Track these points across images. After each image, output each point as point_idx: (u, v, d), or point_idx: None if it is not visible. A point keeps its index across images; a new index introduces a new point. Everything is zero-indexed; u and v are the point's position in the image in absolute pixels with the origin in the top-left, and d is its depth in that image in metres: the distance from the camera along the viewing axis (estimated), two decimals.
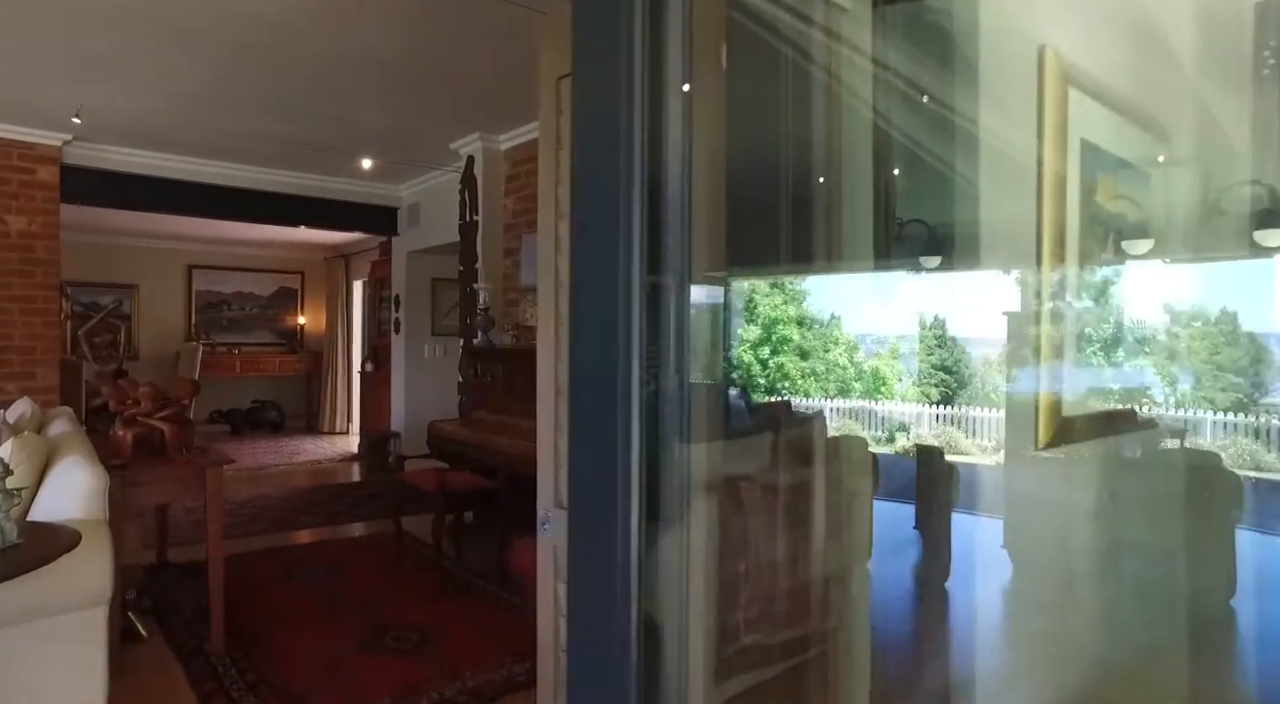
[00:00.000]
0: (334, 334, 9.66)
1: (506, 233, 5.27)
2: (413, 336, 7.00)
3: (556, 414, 1.54)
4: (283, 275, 10.18)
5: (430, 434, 4.66)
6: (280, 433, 9.49)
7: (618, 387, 0.81)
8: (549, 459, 1.57)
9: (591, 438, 0.86)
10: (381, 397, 7.53)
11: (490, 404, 4.62)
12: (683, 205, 0.88)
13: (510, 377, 4.48)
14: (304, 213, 6.50)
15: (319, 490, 6.12)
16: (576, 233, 0.86)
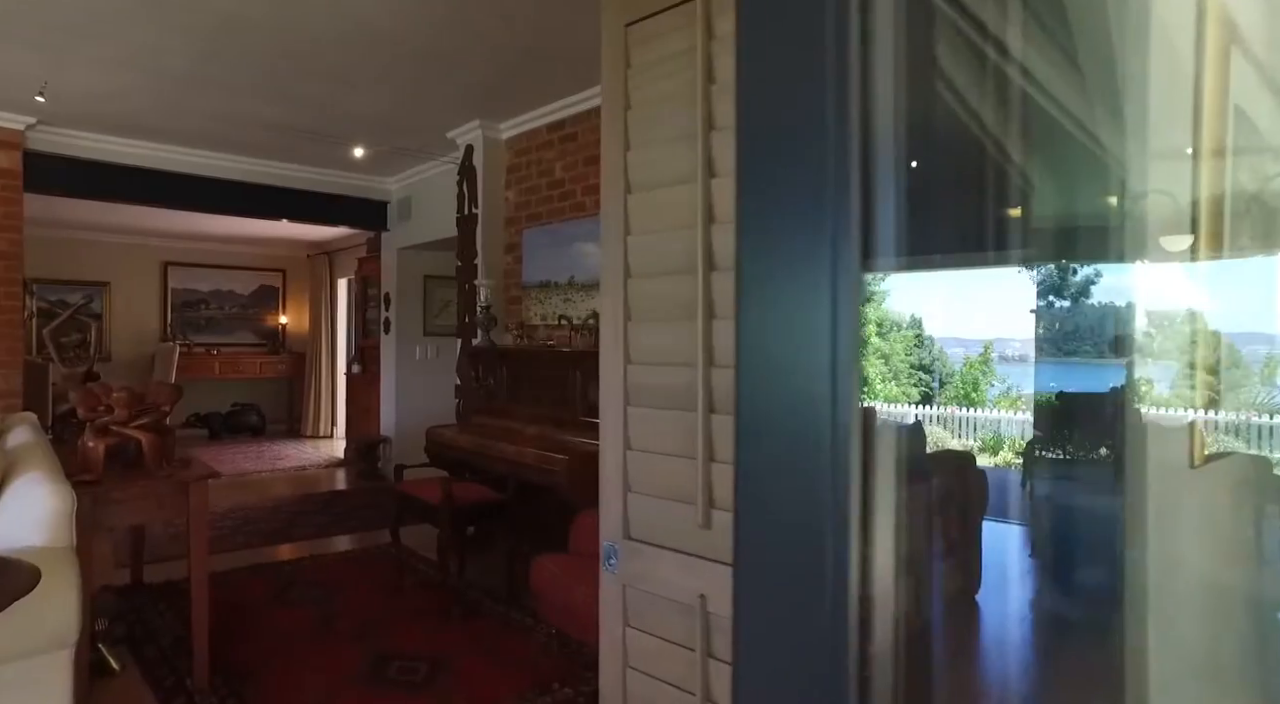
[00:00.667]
0: (318, 334, 9.28)
1: (508, 227, 4.98)
2: (404, 337, 6.68)
3: (625, 428, 1.28)
4: (263, 273, 9.78)
5: (429, 441, 4.36)
6: (261, 437, 9.10)
7: (829, 408, 0.58)
8: (616, 482, 1.30)
9: (778, 473, 0.62)
10: (370, 400, 7.19)
11: (493, 408, 4.33)
12: (898, 171, 0.65)
13: (515, 379, 4.19)
14: (287, 206, 6.16)
15: (306, 499, 5.78)
16: (750, 206, 0.62)
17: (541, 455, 3.44)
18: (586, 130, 4.34)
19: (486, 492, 3.60)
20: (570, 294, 4.37)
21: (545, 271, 4.58)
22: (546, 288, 4.56)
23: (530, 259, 4.71)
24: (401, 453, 6.60)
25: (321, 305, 9.30)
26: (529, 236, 4.74)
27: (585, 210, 4.33)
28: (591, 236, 4.23)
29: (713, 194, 1.16)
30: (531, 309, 4.68)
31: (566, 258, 4.41)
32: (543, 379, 3.97)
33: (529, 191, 4.79)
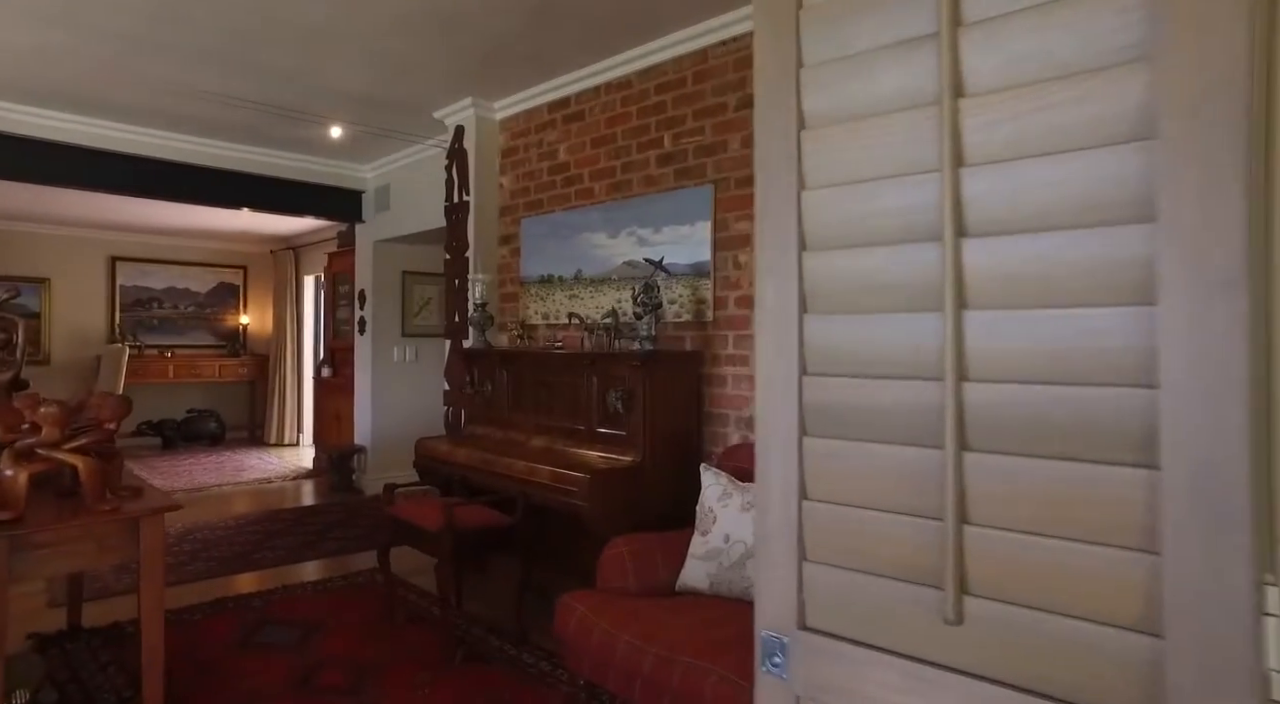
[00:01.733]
0: (282, 335, 8.66)
1: (503, 217, 4.52)
2: (381, 337, 6.16)
3: (801, 468, 0.87)
4: (222, 270, 9.11)
5: (419, 454, 3.88)
6: (221, 446, 8.44)
7: None
8: (784, 545, 0.89)
9: None
10: (342, 406, 6.64)
11: (491, 417, 3.87)
12: None
13: (517, 384, 3.74)
14: (250, 193, 5.59)
15: (273, 517, 5.23)
16: None
17: (559, 474, 3.00)
18: (596, 108, 3.91)
19: (493, 514, 3.14)
20: (577, 290, 3.94)
21: (547, 265, 4.13)
22: (549, 283, 4.11)
23: (529, 252, 4.26)
24: (379, 463, 6.07)
25: (286, 304, 8.67)
26: (528, 227, 4.29)
27: (594, 197, 3.90)
28: (603, 226, 3.81)
29: (962, 121, 0.76)
30: (531, 307, 4.23)
31: (572, 250, 3.97)
32: (551, 385, 3.53)
33: (527, 177, 4.34)
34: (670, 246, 3.46)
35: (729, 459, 2.95)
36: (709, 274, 3.31)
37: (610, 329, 3.35)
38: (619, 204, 3.74)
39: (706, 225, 3.32)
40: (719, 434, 3.28)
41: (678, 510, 3.17)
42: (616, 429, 3.18)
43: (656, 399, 3.09)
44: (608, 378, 3.22)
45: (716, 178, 3.31)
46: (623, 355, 3.14)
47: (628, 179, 3.73)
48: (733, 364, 3.23)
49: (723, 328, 3.27)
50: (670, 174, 3.52)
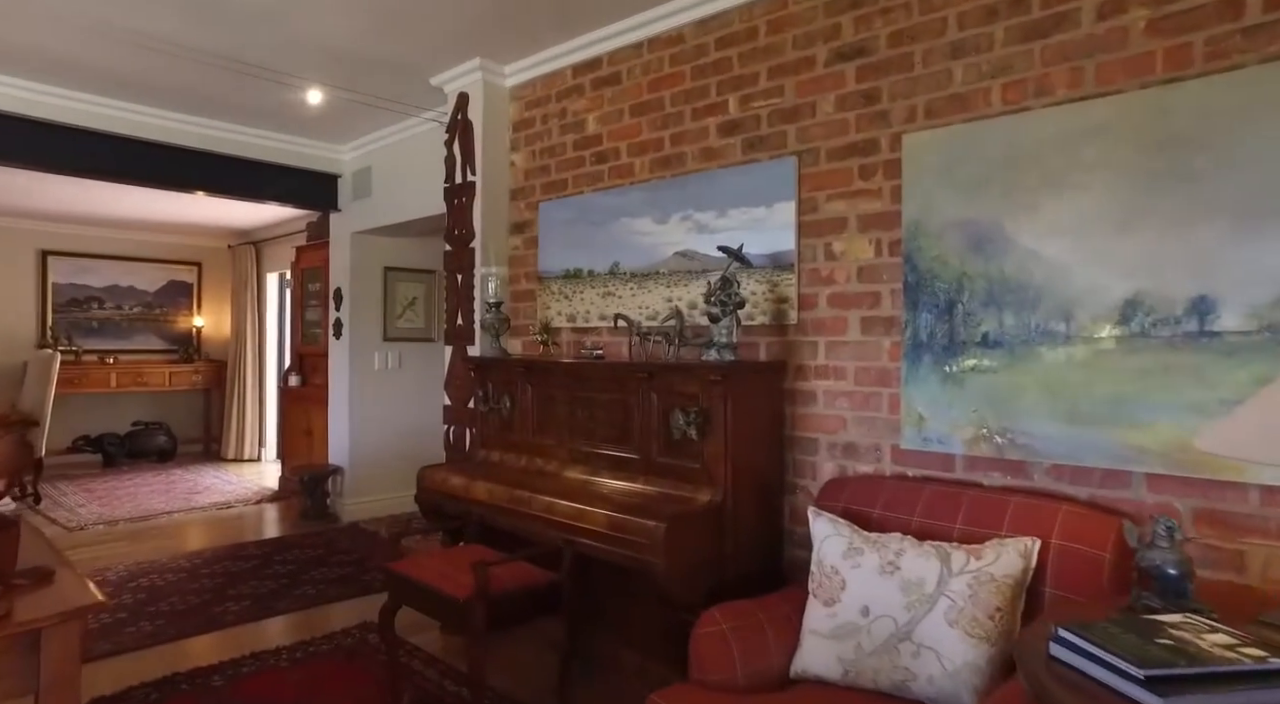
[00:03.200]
0: (242, 339, 7.79)
1: (515, 201, 3.84)
2: (359, 342, 5.40)
3: None
4: (174, 266, 8.20)
5: (423, 488, 3.17)
6: (171, 463, 7.53)
7: None
8: None
9: None
10: (314, 419, 5.86)
11: (510, 440, 3.19)
12: None
13: (545, 401, 3.07)
14: (206, 175, 4.80)
15: (236, 554, 4.44)
16: None
17: (621, 520, 2.34)
18: (636, 68, 3.26)
19: (531, 571, 2.46)
20: (614, 287, 3.28)
21: (573, 257, 3.47)
22: (576, 279, 3.45)
23: (550, 241, 3.59)
24: (359, 486, 5.32)
25: (246, 305, 7.81)
26: (547, 212, 3.62)
27: (634, 175, 3.26)
28: (647, 210, 3.16)
29: None
30: (553, 307, 3.56)
31: (607, 239, 3.32)
32: (591, 403, 2.87)
33: (546, 154, 3.67)
34: (739, 233, 2.83)
35: (831, 497, 2.34)
36: (791, 266, 2.69)
37: (673, 334, 2.70)
38: (668, 183, 3.11)
39: (788, 207, 2.71)
40: (805, 464, 2.67)
41: (765, 564, 2.55)
42: (685, 459, 2.53)
43: (740, 422, 2.45)
44: (672, 395, 2.57)
45: (801, 148, 2.70)
46: (694, 367, 2.50)
47: (679, 153, 3.09)
48: (824, 377, 2.62)
49: (810, 332, 2.66)
50: (737, 145, 2.90)
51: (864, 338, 2.53)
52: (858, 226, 2.55)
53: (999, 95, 2.22)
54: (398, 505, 5.49)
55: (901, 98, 2.44)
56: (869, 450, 2.51)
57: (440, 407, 5.78)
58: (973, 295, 2.23)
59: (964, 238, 2.25)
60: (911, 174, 2.38)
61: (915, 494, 2.19)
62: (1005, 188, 2.17)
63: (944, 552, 1.89)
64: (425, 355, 5.71)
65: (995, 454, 2.19)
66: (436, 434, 5.71)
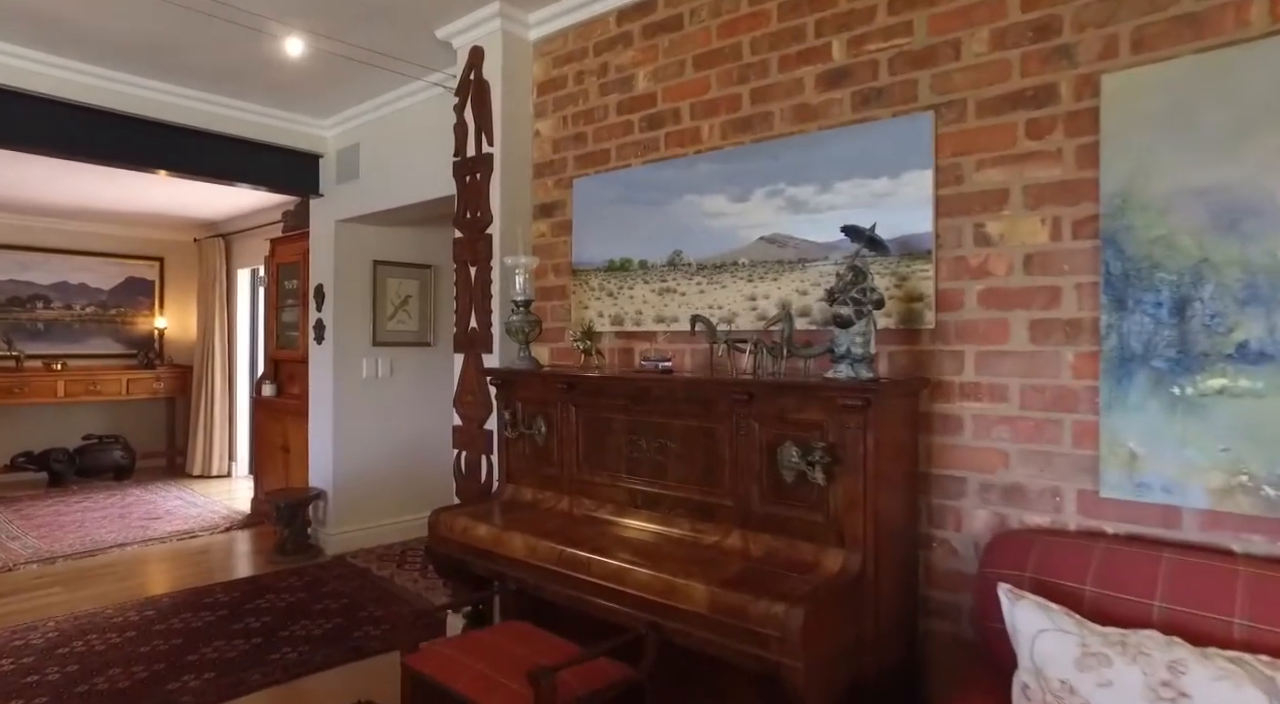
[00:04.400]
0: (209, 343, 7.02)
1: (540, 177, 3.18)
2: (345, 347, 4.69)
3: None
4: (132, 262, 7.39)
5: (436, 537, 2.49)
6: (129, 481, 6.74)
7: None
8: None
9: None
10: (291, 434, 5.14)
11: (548, 476, 2.53)
12: None
13: (597, 427, 2.42)
14: (168, 151, 4.07)
15: (198, 601, 3.72)
16: None
17: (731, 601, 1.69)
18: (702, 10, 2.62)
19: (603, 669, 1.81)
20: (675, 281, 2.64)
21: (618, 245, 2.83)
22: (622, 272, 2.81)
23: (587, 226, 2.94)
24: (345, 513, 4.62)
25: (214, 305, 7.04)
26: (584, 191, 2.96)
27: (702, 142, 2.62)
28: (720, 184, 2.53)
29: None
30: (592, 306, 2.90)
31: (664, 222, 2.68)
32: (661, 431, 2.23)
33: (582, 119, 3.02)
34: (850, 213, 2.21)
35: (1006, 561, 1.74)
36: (927, 254, 2.07)
37: (780, 342, 2.06)
38: (749, 151, 2.47)
39: (921, 178, 2.09)
40: (945, 510, 2.05)
41: (905, 648, 1.93)
42: (802, 508, 1.91)
43: (881, 460, 1.83)
44: (784, 423, 1.94)
45: (938, 101, 2.08)
46: (820, 387, 1.86)
47: (764, 113, 2.46)
48: (973, 397, 2.00)
49: (953, 340, 2.04)
50: (845, 101, 2.27)
51: (1034, 347, 1.91)
52: (1024, 201, 1.94)
53: (1264, 8, 1.62)
54: (389, 534, 4.79)
55: (1093, 27, 1.83)
56: (1042, 496, 1.89)
57: (440, 421, 5.10)
58: (1221, 290, 1.62)
59: (1206, 211, 1.65)
60: (1116, 128, 1.77)
61: (1147, 565, 1.58)
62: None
63: (1258, 671, 1.27)
64: (420, 362, 5.02)
65: (1265, 511, 1.58)
66: (435, 454, 5.06)
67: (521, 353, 2.70)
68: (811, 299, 2.28)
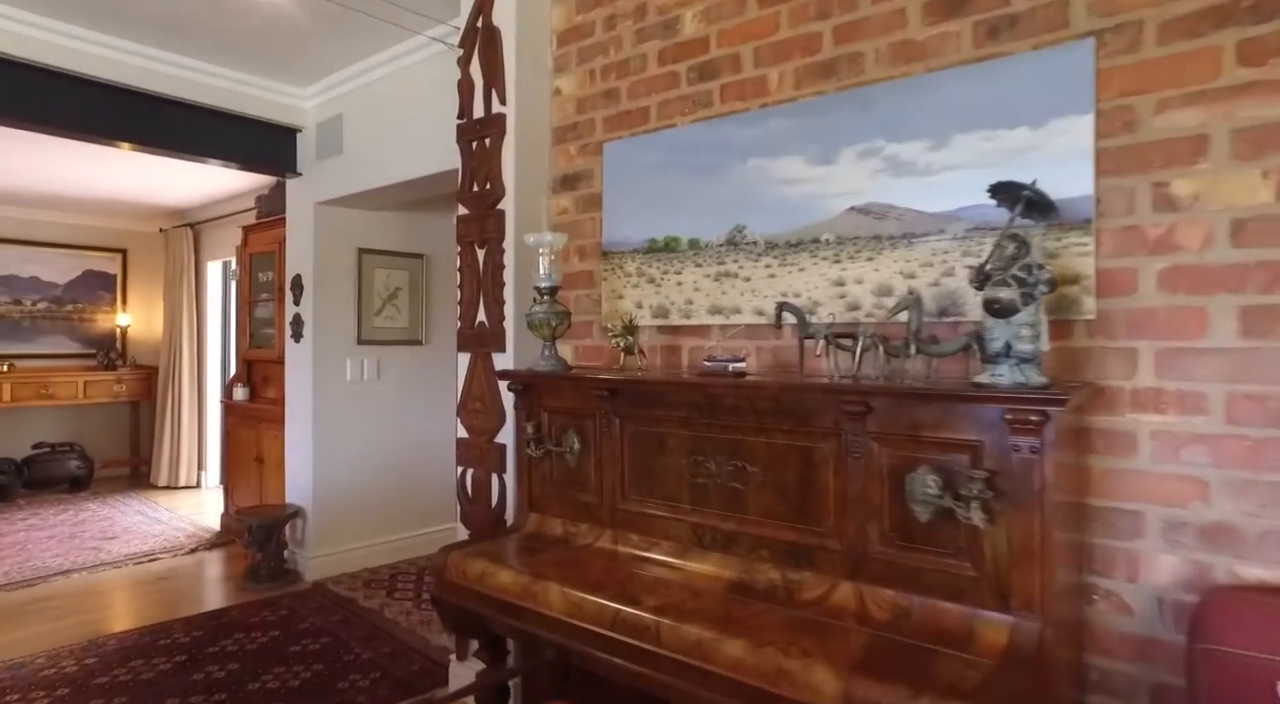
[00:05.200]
0: (177, 341, 6.43)
1: (560, 145, 2.68)
2: (326, 346, 4.16)
3: None
4: (91, 253, 6.78)
5: (444, 583, 1.98)
6: (84, 493, 6.13)
7: None
8: None
9: None
10: (266, 444, 4.59)
11: (581, 505, 2.04)
12: None
13: (649, 445, 1.93)
14: (126, 120, 3.52)
15: (154, 645, 3.17)
16: None
17: (878, 694, 1.21)
18: None
19: None
20: (736, 263, 2.16)
21: (661, 221, 2.34)
22: (667, 254, 2.32)
23: (621, 199, 2.45)
24: (326, 533, 4.09)
25: (182, 300, 6.45)
26: (618, 156, 2.47)
27: (769, 94, 2.13)
28: (796, 144, 2.05)
29: None
30: (628, 295, 2.41)
31: (722, 191, 2.19)
32: (736, 449, 1.74)
33: (614, 73, 2.53)
34: (975, 173, 1.74)
35: (1247, 635, 1.27)
36: (1085, 224, 1.61)
37: (909, 337, 1.57)
38: (834, 102, 2.00)
39: (1077, 126, 1.62)
40: (1114, 554, 1.58)
41: None
42: (943, 556, 1.43)
43: (1056, 493, 1.36)
44: (917, 442, 1.46)
45: (1102, 25, 1.62)
46: (975, 396, 1.39)
47: (852, 54, 1.98)
48: (1152, 408, 1.54)
49: (1122, 334, 1.58)
50: (964, 33, 1.80)
51: (1248, 343, 1.46)
52: (1232, 150, 1.48)
53: None
54: (377, 556, 4.26)
55: None
56: (1265, 541, 1.43)
57: (434, 429, 4.58)
58: None
59: None
60: None
61: None
62: None
63: None
64: (411, 363, 4.50)
65: None
66: (428, 466, 4.52)
67: (546, 352, 2.20)
68: (922, 283, 1.81)
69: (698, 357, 2.25)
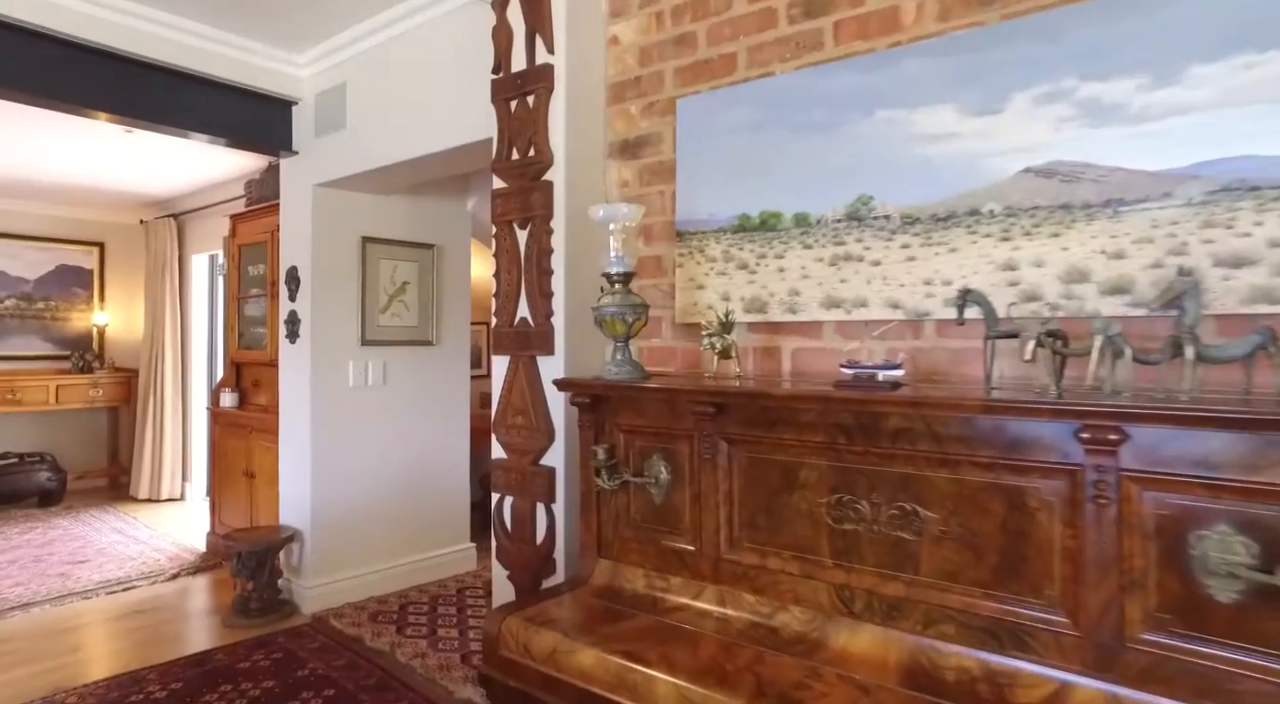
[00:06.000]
0: (158, 342, 5.92)
1: (618, 104, 2.23)
2: (326, 347, 3.68)
3: None
4: (65, 247, 6.25)
5: (496, 656, 1.52)
6: (57, 506, 5.61)
7: None
8: None
9: None
10: (257, 456, 4.11)
11: (672, 554, 1.59)
12: None
13: (775, 479, 1.47)
14: (96, 85, 3.03)
15: (131, 700, 2.69)
16: None
17: None
18: None
19: None
20: (859, 242, 1.71)
21: (754, 192, 1.89)
22: (764, 234, 1.87)
23: (699, 167, 1.99)
24: (326, 560, 3.62)
25: (164, 297, 5.94)
26: (693, 115, 2.02)
27: (902, 29, 1.69)
28: (942, 89, 1.60)
29: None
30: (709, 285, 1.96)
31: (840, 153, 1.74)
32: (900, 486, 1.29)
33: (687, 14, 2.07)
34: (1224, 114, 1.30)
35: None
36: None
37: (1182, 333, 1.13)
38: (995, 34, 1.55)
39: None
40: None
41: None
42: (1254, 652, 0.98)
43: None
44: (1210, 488, 1.01)
45: None
46: None
47: None
48: None
49: None
50: None
51: None
52: None
53: None
54: (383, 583, 3.79)
55: None
56: None
57: (446, 440, 4.08)
58: None
59: None
60: None
61: None
62: None
63: None
64: (421, 366, 4.03)
65: None
66: (440, 481, 3.99)
67: (619, 355, 1.75)
68: (1135, 267, 1.37)
69: (803, 361, 1.80)
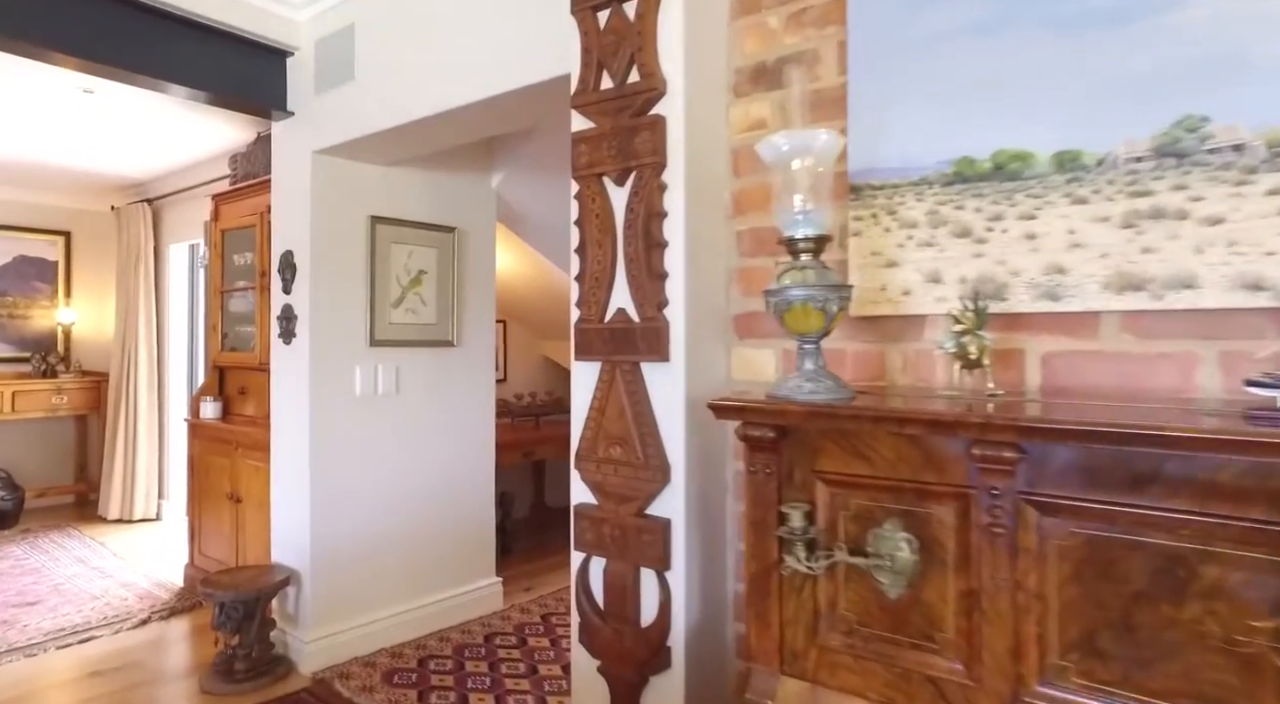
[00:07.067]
0: (131, 342, 5.25)
1: (751, 14, 1.61)
2: (328, 348, 3.04)
3: None
4: (26, 236, 5.57)
5: None
6: (11, 529, 4.92)
7: None
8: None
9: None
10: (245, 478, 3.47)
11: (919, 682, 0.98)
12: None
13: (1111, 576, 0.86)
14: (56, 19, 2.38)
15: None
16: None
17: None
18: None
19: None
20: (1179, 189, 1.11)
21: (983, 124, 1.28)
22: (1000, 183, 1.26)
23: (883, 93, 1.39)
24: (328, 609, 2.99)
25: (138, 292, 5.27)
26: (873, 17, 1.41)
27: None
28: None
29: None
30: (906, 260, 1.35)
31: (1134, 58, 1.15)
32: None
33: None
34: None
35: None
36: None
37: None
38: None
39: None
40: None
41: None
42: None
43: None
44: None
45: None
46: None
47: None
48: None
49: None
50: None
51: None
52: None
53: None
54: (398, 630, 3.16)
55: None
56: None
57: (472, 459, 3.44)
58: None
59: None
60: None
61: None
62: None
63: None
64: (440, 371, 3.41)
65: None
66: (462, 509, 3.31)
67: (809, 363, 1.13)
68: None
69: (1064, 371, 1.20)
